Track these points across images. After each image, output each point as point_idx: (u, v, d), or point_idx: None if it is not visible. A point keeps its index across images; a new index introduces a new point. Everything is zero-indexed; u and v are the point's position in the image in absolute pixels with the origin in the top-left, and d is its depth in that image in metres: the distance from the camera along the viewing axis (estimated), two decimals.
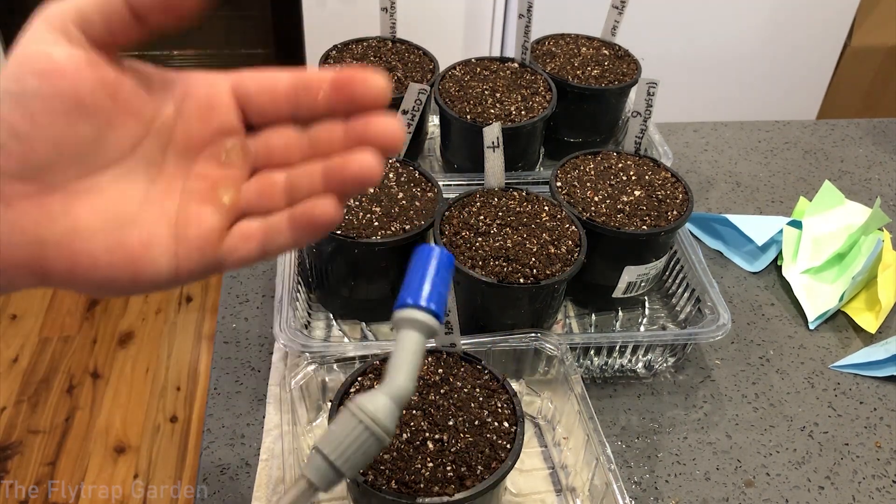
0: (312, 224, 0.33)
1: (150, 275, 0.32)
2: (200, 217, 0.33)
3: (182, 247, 0.32)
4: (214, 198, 0.33)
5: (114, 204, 0.31)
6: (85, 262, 0.31)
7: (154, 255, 0.32)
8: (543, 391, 0.69)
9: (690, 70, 1.74)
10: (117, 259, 0.31)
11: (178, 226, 0.32)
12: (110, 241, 0.31)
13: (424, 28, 1.63)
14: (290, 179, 0.34)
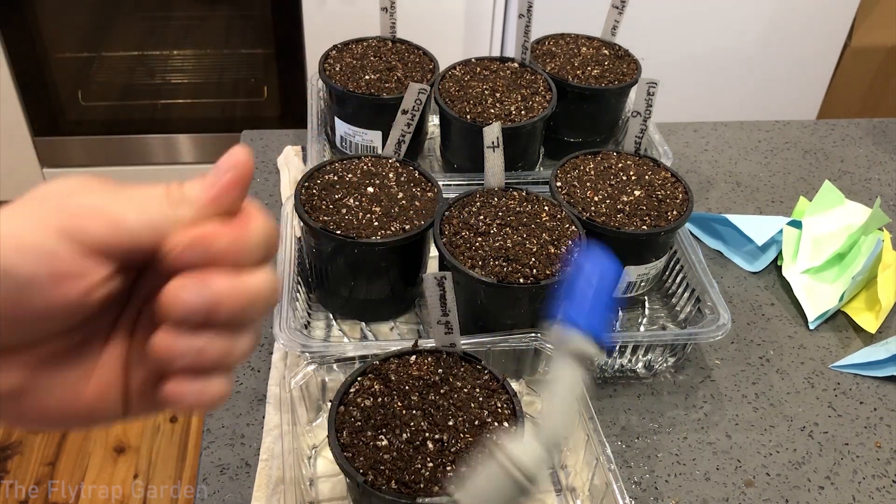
0: None
1: (103, 421, 0.31)
2: None
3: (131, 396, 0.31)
4: None
5: None
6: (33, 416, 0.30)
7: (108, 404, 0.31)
8: (543, 391, 0.69)
9: (690, 70, 1.74)
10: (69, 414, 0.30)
11: None
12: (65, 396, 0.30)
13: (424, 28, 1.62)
14: None
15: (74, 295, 0.27)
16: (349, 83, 0.85)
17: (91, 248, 0.27)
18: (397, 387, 0.56)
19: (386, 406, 0.54)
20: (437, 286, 0.54)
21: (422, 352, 0.59)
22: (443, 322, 0.57)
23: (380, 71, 0.86)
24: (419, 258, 0.74)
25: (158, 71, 1.84)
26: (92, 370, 0.30)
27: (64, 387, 0.30)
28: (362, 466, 0.51)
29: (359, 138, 0.87)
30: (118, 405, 0.31)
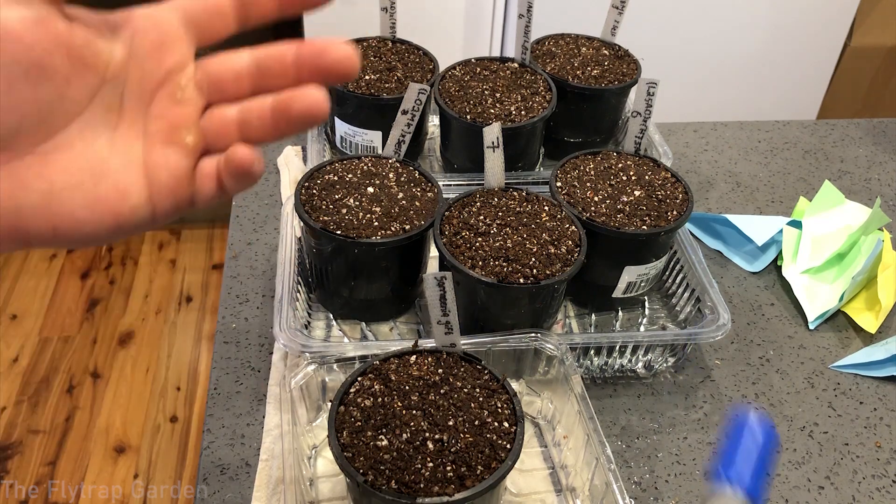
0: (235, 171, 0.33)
1: (130, 222, 0.32)
2: (168, 161, 0.32)
3: (155, 191, 0.32)
4: (178, 139, 0.33)
5: (83, 159, 0.31)
6: (67, 221, 0.30)
7: (132, 202, 0.32)
8: (543, 391, 0.69)
9: (690, 70, 1.74)
10: (97, 213, 0.31)
11: (148, 171, 0.32)
12: (88, 197, 0.31)
13: (424, 28, 1.63)
14: (243, 113, 0.33)
15: None
16: (349, 83, 0.85)
17: None
18: (397, 387, 0.56)
19: (386, 406, 0.54)
20: (437, 286, 0.54)
21: (422, 352, 0.59)
22: (443, 322, 0.57)
23: (380, 71, 0.86)
24: (419, 258, 0.74)
25: None
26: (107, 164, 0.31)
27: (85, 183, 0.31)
28: (362, 466, 0.51)
29: (359, 138, 0.87)
30: (142, 203, 0.32)
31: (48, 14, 0.29)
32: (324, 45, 0.33)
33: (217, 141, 0.34)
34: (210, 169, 0.33)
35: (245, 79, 0.34)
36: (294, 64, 0.33)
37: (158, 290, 1.90)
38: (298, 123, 0.33)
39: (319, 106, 0.32)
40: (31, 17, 0.28)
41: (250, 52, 0.34)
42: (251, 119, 0.33)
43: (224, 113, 0.34)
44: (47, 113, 0.30)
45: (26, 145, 0.30)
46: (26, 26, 0.28)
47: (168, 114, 0.33)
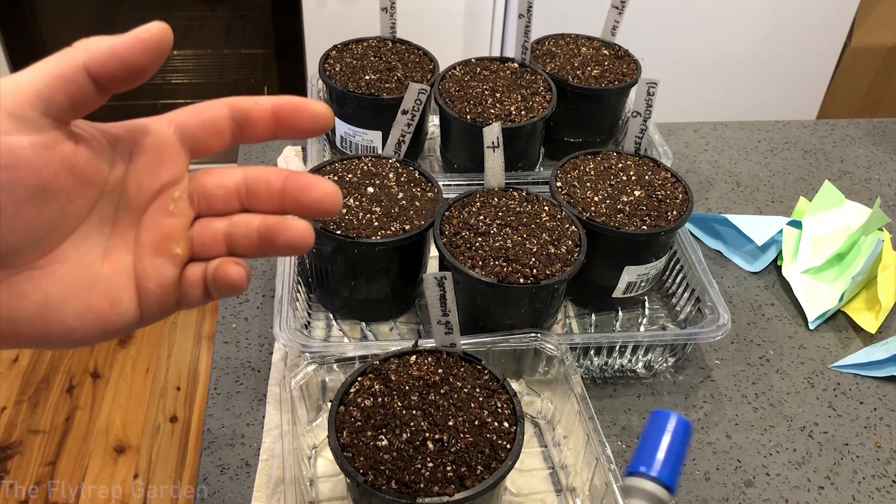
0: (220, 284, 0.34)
1: (118, 327, 0.33)
2: (158, 270, 0.33)
3: (144, 298, 0.33)
4: (167, 249, 0.34)
5: (78, 270, 0.32)
6: (58, 330, 0.31)
7: (122, 310, 0.33)
8: (543, 391, 0.69)
9: (690, 70, 1.74)
10: (88, 321, 0.32)
11: (138, 280, 0.33)
12: (80, 307, 0.32)
13: (424, 28, 1.63)
14: (231, 229, 0.35)
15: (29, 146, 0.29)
16: (349, 83, 0.85)
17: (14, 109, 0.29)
18: (397, 387, 0.56)
19: (386, 406, 0.54)
20: (437, 286, 0.54)
21: (422, 352, 0.59)
22: (443, 322, 0.57)
23: (380, 71, 0.86)
24: (419, 258, 0.74)
25: (158, 71, 1.83)
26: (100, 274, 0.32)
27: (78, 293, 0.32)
28: (362, 466, 0.51)
29: (359, 138, 0.87)
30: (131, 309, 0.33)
31: (56, 137, 0.30)
32: (308, 182, 0.34)
33: (204, 251, 0.35)
34: (196, 277, 0.34)
35: (234, 197, 0.35)
36: (280, 193, 0.34)
37: None
38: (282, 251, 0.34)
39: (303, 238, 0.34)
40: (41, 142, 0.29)
41: (242, 170, 0.35)
42: (238, 236, 0.35)
43: (213, 225, 0.35)
44: (49, 230, 0.30)
45: (27, 261, 0.30)
46: (36, 151, 0.29)
47: (160, 224, 0.34)
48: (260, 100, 0.34)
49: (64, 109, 0.30)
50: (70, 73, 0.29)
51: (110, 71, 0.30)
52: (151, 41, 0.31)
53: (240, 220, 0.35)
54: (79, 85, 0.30)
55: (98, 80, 0.30)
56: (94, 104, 0.31)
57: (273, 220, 0.34)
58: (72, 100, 0.30)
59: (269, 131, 0.35)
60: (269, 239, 0.34)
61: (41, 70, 0.29)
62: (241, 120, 0.34)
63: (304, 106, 0.34)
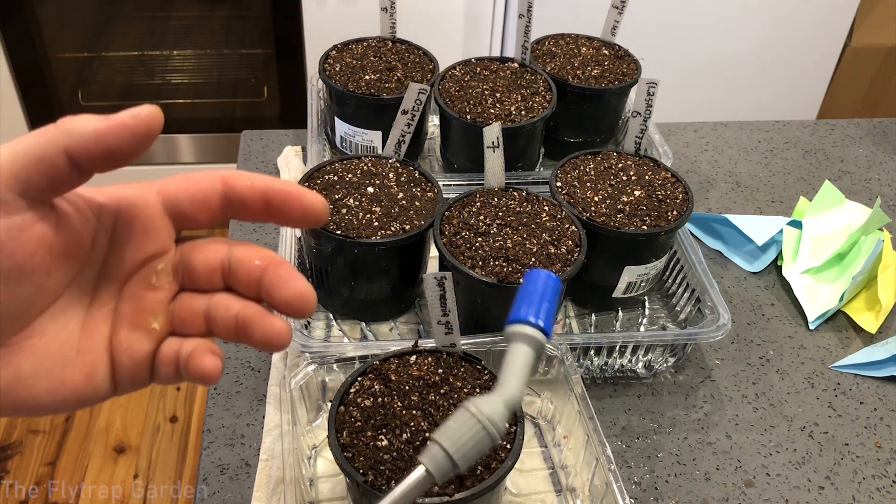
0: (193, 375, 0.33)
1: (92, 399, 0.32)
2: (133, 345, 0.33)
3: (117, 372, 0.33)
4: (145, 323, 0.33)
5: (54, 345, 0.31)
6: (27, 404, 0.31)
7: (96, 383, 0.32)
8: (543, 391, 0.69)
9: (690, 70, 1.74)
10: (60, 396, 0.31)
11: (113, 353, 0.32)
12: (53, 381, 0.31)
13: (424, 28, 1.63)
14: (210, 310, 0.34)
15: None
16: (349, 83, 0.85)
17: None
18: (397, 387, 0.56)
19: (386, 406, 0.54)
20: (437, 286, 0.54)
21: (422, 352, 0.59)
22: (443, 322, 0.57)
23: (380, 71, 0.86)
24: (419, 258, 0.74)
25: (158, 71, 1.84)
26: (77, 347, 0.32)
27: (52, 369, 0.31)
28: (362, 466, 0.51)
29: (359, 138, 0.87)
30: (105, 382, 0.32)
31: (32, 217, 0.29)
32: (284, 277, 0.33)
33: (184, 327, 0.34)
34: (170, 354, 0.33)
35: (218, 273, 0.34)
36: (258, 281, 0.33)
37: None
38: (257, 345, 0.33)
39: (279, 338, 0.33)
40: (16, 224, 0.28)
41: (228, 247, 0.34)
42: (217, 319, 0.33)
43: (195, 303, 0.34)
44: (25, 309, 0.30)
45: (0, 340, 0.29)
46: (10, 234, 0.28)
47: (140, 297, 0.33)
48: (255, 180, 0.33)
49: (41, 191, 0.29)
50: (50, 155, 0.28)
51: (92, 156, 0.29)
52: (138, 127, 0.29)
53: (220, 303, 0.34)
54: (58, 168, 0.29)
55: (79, 164, 0.29)
56: (74, 185, 0.30)
57: (251, 312, 0.33)
58: (50, 182, 0.29)
59: (260, 215, 0.34)
60: (245, 331, 0.33)
61: (21, 150, 0.28)
62: (233, 199, 0.33)
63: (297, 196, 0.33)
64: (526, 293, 0.43)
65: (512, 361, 0.42)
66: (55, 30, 1.71)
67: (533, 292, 0.43)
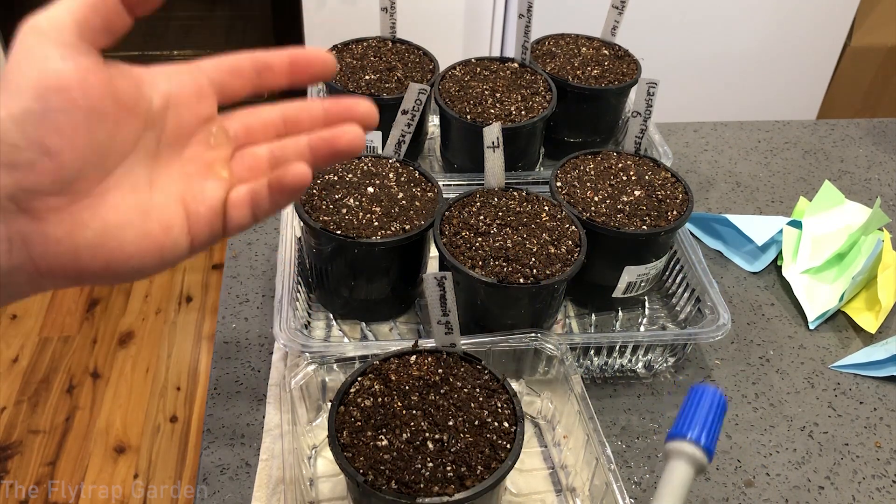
0: (286, 186, 0.36)
1: (172, 254, 0.34)
2: (206, 192, 0.35)
3: (194, 222, 0.35)
4: (213, 173, 0.36)
5: (131, 197, 0.33)
6: (118, 257, 0.33)
7: (174, 235, 0.34)
8: (543, 391, 0.69)
9: (690, 70, 1.74)
10: (144, 248, 0.33)
11: (187, 205, 0.35)
12: (136, 233, 0.33)
13: (424, 28, 1.63)
14: (274, 151, 0.37)
15: None
16: (349, 83, 0.85)
17: None
18: (397, 387, 0.56)
19: (386, 406, 0.54)
20: (437, 286, 0.54)
21: (422, 352, 0.59)
22: (443, 322, 0.57)
23: (380, 71, 0.86)
24: (419, 258, 0.74)
25: None
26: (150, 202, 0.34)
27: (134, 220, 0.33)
28: (362, 466, 0.51)
29: None
30: (183, 236, 0.34)
31: (95, 62, 0.31)
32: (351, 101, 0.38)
33: (248, 176, 0.37)
34: (242, 198, 0.36)
35: (272, 128, 0.38)
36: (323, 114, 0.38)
37: (158, 290, 1.90)
38: (342, 153, 0.37)
39: (361, 140, 0.37)
40: (84, 66, 0.31)
41: (279, 106, 0.38)
42: (286, 152, 0.37)
43: (255, 151, 0.37)
44: (103, 155, 0.32)
45: (85, 187, 0.32)
46: (81, 74, 0.31)
47: (202, 156, 0.36)
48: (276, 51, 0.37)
49: (98, 32, 0.32)
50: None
51: None
52: None
53: (285, 143, 0.37)
54: (109, 6, 0.31)
55: None
56: (124, 26, 0.33)
57: (324, 133, 0.37)
58: (105, 22, 0.32)
59: (284, 77, 0.37)
60: (327, 146, 0.37)
61: None
62: (261, 67, 0.37)
63: (315, 54, 0.37)
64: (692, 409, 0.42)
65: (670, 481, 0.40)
66: None
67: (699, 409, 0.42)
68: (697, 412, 0.42)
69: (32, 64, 0.30)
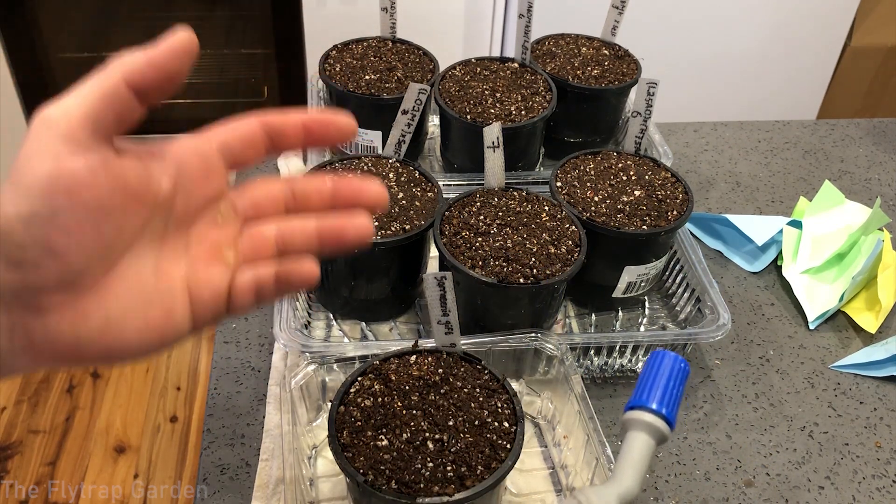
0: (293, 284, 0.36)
1: (174, 338, 0.34)
2: (211, 278, 0.35)
3: (197, 307, 0.34)
4: (219, 256, 0.35)
5: (135, 286, 0.33)
6: (119, 345, 0.32)
7: (176, 321, 0.34)
8: (543, 391, 0.69)
9: (690, 70, 1.74)
10: (146, 335, 0.33)
11: (191, 290, 0.34)
12: (139, 322, 0.33)
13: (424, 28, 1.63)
14: (282, 234, 0.37)
15: None
16: (349, 83, 0.85)
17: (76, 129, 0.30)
18: (397, 387, 0.56)
19: (386, 406, 0.54)
20: (437, 286, 0.54)
21: (422, 352, 0.59)
22: (443, 322, 0.57)
23: (380, 71, 0.86)
24: (419, 258, 0.74)
25: None
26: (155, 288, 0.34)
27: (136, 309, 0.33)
28: (362, 466, 0.51)
29: (359, 138, 0.87)
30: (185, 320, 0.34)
31: (106, 155, 0.31)
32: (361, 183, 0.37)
33: (255, 255, 0.36)
34: (247, 282, 0.36)
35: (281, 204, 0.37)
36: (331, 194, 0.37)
37: None
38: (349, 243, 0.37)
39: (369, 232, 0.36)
40: (94, 162, 0.30)
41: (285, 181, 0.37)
42: (294, 238, 0.37)
43: (262, 230, 0.37)
44: (109, 249, 0.32)
45: (90, 282, 0.31)
46: (91, 172, 0.30)
47: (209, 236, 0.35)
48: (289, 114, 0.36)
49: (110, 126, 0.31)
50: (112, 89, 0.30)
51: (149, 80, 0.31)
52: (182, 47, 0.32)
53: (293, 225, 0.37)
54: (122, 99, 0.31)
55: (139, 91, 0.31)
56: (136, 116, 0.32)
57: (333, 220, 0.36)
58: (117, 115, 0.31)
59: (299, 142, 0.36)
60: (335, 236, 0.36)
61: (85, 91, 0.30)
62: (274, 133, 0.36)
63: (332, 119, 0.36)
64: (650, 377, 0.40)
65: (630, 451, 0.38)
66: (55, 30, 1.71)
67: (658, 377, 0.39)
68: (657, 380, 0.40)
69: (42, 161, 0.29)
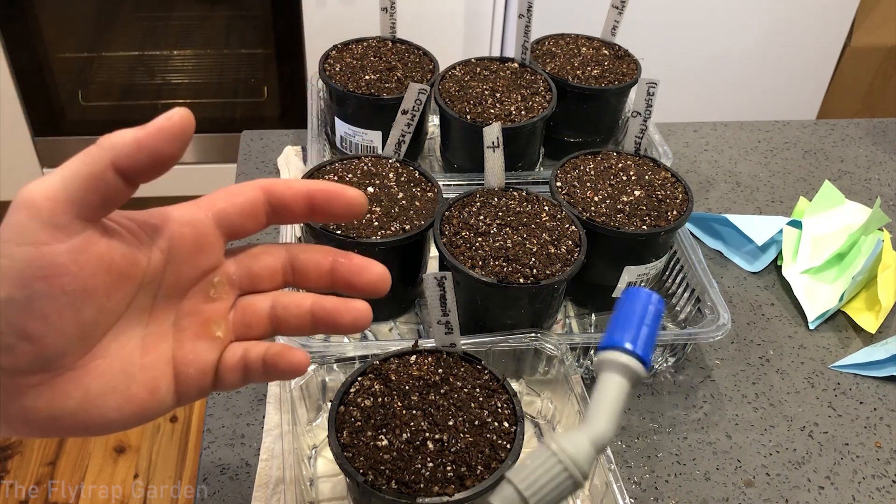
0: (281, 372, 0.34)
1: (156, 413, 0.33)
2: (197, 355, 0.33)
3: (182, 383, 0.33)
4: (208, 333, 0.34)
5: (118, 364, 0.32)
6: (98, 422, 0.32)
7: (160, 398, 0.33)
8: (543, 391, 0.69)
9: (690, 70, 1.74)
10: (127, 412, 0.32)
11: (177, 366, 0.33)
12: (119, 399, 0.32)
13: (424, 28, 1.63)
14: (276, 310, 0.35)
15: None
16: (349, 83, 0.85)
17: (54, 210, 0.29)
18: (397, 387, 0.56)
19: (386, 406, 0.54)
20: (437, 286, 0.54)
21: (422, 352, 0.59)
22: (443, 322, 0.57)
23: (380, 71, 0.86)
24: (419, 258, 0.74)
25: (158, 71, 1.84)
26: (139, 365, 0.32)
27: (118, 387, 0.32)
28: (362, 466, 0.51)
29: (359, 138, 0.87)
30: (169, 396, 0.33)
31: (90, 237, 0.29)
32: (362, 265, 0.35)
33: (246, 331, 0.35)
34: (235, 360, 0.34)
35: (278, 277, 0.35)
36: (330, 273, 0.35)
37: None
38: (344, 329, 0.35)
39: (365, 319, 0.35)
40: (76, 247, 0.29)
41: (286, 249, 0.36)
42: (288, 317, 0.35)
43: (256, 305, 0.35)
44: (90, 331, 0.30)
45: (69, 362, 0.30)
46: (73, 257, 0.29)
47: (200, 310, 0.34)
48: (294, 184, 0.34)
49: (95, 209, 0.30)
50: (99, 172, 0.29)
51: (137, 164, 0.30)
52: (174, 129, 0.30)
53: (288, 302, 0.35)
54: (108, 182, 0.29)
55: (126, 174, 0.30)
56: (124, 198, 0.30)
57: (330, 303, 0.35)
58: (102, 198, 0.29)
59: (302, 216, 0.35)
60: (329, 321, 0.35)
61: (69, 173, 0.29)
62: (276, 204, 0.34)
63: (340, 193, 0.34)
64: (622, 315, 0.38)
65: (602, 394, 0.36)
66: (55, 30, 1.71)
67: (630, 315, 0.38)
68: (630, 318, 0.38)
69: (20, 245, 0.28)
